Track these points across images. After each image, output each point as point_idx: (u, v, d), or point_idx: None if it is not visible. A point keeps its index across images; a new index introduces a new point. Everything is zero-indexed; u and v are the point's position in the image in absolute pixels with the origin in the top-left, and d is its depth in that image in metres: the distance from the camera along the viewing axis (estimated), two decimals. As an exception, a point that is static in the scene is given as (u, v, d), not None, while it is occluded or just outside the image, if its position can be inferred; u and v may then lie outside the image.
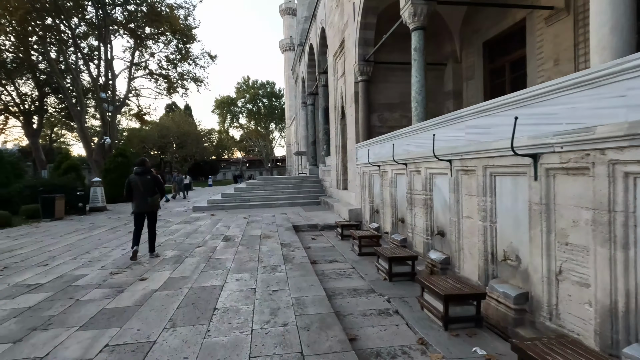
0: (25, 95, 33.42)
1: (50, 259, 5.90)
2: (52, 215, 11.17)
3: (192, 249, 6.31)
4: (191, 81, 31.64)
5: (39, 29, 25.91)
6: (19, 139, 48.11)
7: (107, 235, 8.09)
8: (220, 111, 66.93)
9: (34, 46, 28.03)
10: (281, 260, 5.35)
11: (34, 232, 8.87)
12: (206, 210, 12.70)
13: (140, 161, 6.01)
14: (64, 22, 25.88)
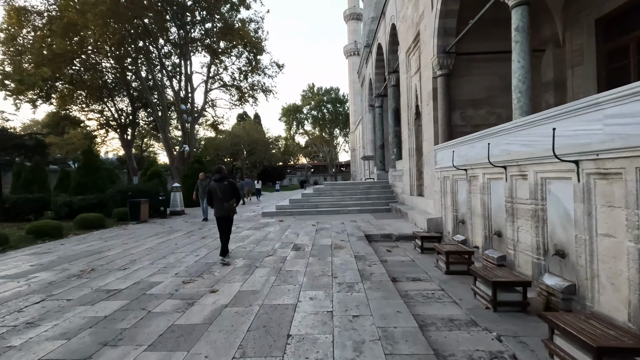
0: (122, 111, 37.84)
1: (130, 262, 6.08)
2: (138, 218, 12.04)
3: (262, 258, 6.03)
4: (260, 91, 32.94)
5: (132, 52, 29.03)
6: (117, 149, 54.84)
7: (183, 240, 8.30)
8: (286, 119, 69.09)
9: (128, 67, 31.50)
10: (357, 276, 4.76)
11: (122, 234, 9.52)
12: (275, 215, 12.67)
13: (217, 169, 6.23)
14: (152, 44, 28.69)
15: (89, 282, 4.93)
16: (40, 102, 31.29)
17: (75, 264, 6.10)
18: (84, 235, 9.68)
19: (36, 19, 26.43)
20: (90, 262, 6.25)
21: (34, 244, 8.45)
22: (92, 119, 37.31)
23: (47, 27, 25.85)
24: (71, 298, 4.24)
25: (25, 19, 26.03)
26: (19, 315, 3.71)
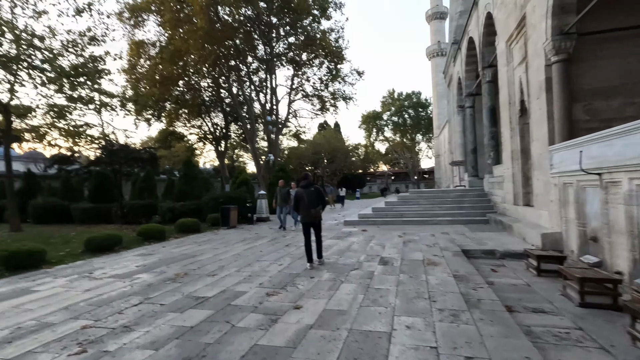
0: (216, 125, 41.59)
1: (219, 269, 6.19)
2: (228, 223, 12.71)
3: (347, 272, 5.59)
4: (341, 99, 33.10)
5: (225, 70, 31.68)
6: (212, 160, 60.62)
7: (267, 247, 8.34)
8: (366, 126, 68.55)
9: (222, 85, 34.44)
10: (461, 301, 3.99)
11: (213, 239, 10.05)
12: (357, 224, 12.21)
13: (304, 175, 6.57)
14: (242, 62, 30.97)
15: (181, 287, 5.07)
16: (153, 121, 36.09)
17: (172, 267, 6.44)
18: (182, 238, 10.48)
19: (150, 49, 30.62)
20: (185, 265, 6.55)
21: (142, 245, 9.38)
22: (192, 134, 41.88)
23: (159, 56, 29.77)
24: (164, 303, 4.33)
25: (142, 51, 30.35)
26: (118, 318, 3.86)
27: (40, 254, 7.05)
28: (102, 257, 7.80)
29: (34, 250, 6.93)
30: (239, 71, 31.81)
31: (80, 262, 7.36)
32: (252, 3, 25.04)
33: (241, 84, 33.08)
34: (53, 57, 13.64)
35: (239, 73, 31.87)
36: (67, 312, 4.13)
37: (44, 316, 4.01)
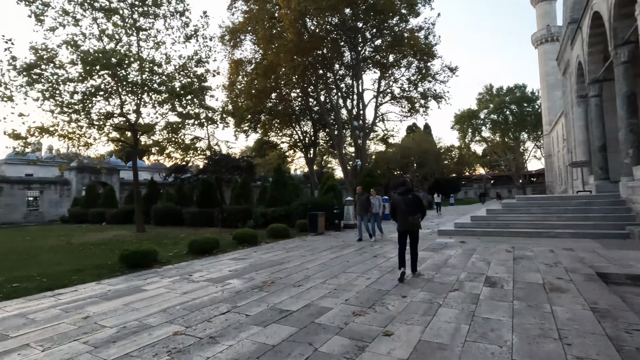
0: (305, 133, 43.23)
1: (305, 279, 6.01)
2: (316, 229, 12.73)
3: (445, 293, 4.85)
4: (432, 98, 31.20)
5: (313, 79, 32.66)
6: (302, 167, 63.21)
7: (354, 257, 7.95)
8: (460, 126, 63.48)
9: (310, 94, 35.60)
10: (611, 350, 2.99)
11: (301, 246, 10.08)
12: (453, 235, 11.01)
13: (402, 182, 6.27)
14: (329, 70, 31.52)
15: (267, 296, 4.99)
16: (250, 132, 39.16)
17: (260, 274, 6.51)
18: (272, 244, 10.78)
19: (247, 66, 33.30)
20: (272, 273, 6.56)
21: (236, 249, 9.89)
22: (284, 142, 44.33)
23: (254, 72, 32.24)
24: (249, 314, 4.26)
25: (240, 68, 33.18)
26: (207, 326, 3.89)
27: (153, 255, 7.88)
28: (202, 260, 8.39)
29: (148, 251, 7.77)
30: (326, 79, 32.49)
31: (184, 263, 8.01)
32: (337, 11, 25.28)
33: (328, 92, 33.72)
34: (168, 80, 15.65)
35: (326, 81, 32.52)
36: (164, 315, 4.35)
37: (145, 317, 4.27)
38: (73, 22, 13.65)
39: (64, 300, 5.19)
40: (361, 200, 10.76)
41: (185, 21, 16.13)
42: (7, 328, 4.07)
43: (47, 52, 12.71)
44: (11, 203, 26.13)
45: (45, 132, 14.21)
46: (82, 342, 3.57)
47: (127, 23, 14.87)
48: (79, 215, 24.56)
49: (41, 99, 13.21)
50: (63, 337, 3.72)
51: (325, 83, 32.60)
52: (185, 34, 16.22)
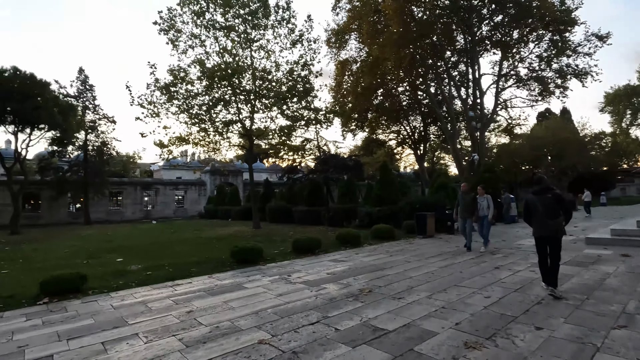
0: (415, 128, 41.13)
1: (407, 290, 5.26)
2: (424, 232, 11.60)
3: (605, 330, 3.50)
4: (572, 76, 25.75)
5: (422, 71, 30.71)
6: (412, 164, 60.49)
7: (470, 267, 6.75)
8: (613, 108, 51.18)
9: (419, 86, 33.64)
10: None
11: (406, 250, 9.21)
12: (609, 245, 8.53)
13: (537, 179, 5.25)
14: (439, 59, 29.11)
15: (362, 308, 4.46)
16: (358, 131, 39.23)
17: (358, 280, 6.02)
18: (375, 246, 10.18)
19: (352, 65, 33.33)
20: (372, 280, 6.00)
21: (338, 249, 9.64)
22: (392, 139, 43.01)
23: (360, 70, 32.09)
24: (339, 328, 3.81)
25: (346, 68, 33.42)
26: (292, 338, 3.59)
27: (258, 252, 8.20)
28: (304, 259, 8.37)
29: (253, 249, 8.12)
30: (436, 69, 30.09)
31: (286, 262, 8.11)
32: (448, -9, 23.03)
33: (439, 82, 31.18)
34: (277, 85, 16.58)
35: (437, 71, 30.12)
36: (255, 318, 4.24)
37: (238, 318, 4.24)
38: (199, 43, 15.60)
39: (178, 292, 5.66)
40: (465, 201, 8.80)
41: (291, 27, 16.81)
42: (129, 314, 4.55)
43: (180, 72, 14.81)
44: (165, 201, 31.96)
45: (182, 140, 16.61)
46: (178, 338, 3.68)
47: (242, 38, 16.26)
48: (211, 211, 28.40)
49: (178, 113, 15.47)
50: (165, 330, 3.91)
51: (436, 73, 30.21)
52: (291, 40, 16.90)
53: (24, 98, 16.98)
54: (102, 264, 8.49)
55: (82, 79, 25.18)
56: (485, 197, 8.87)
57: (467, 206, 8.75)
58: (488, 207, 8.68)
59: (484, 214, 8.75)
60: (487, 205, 8.71)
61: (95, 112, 25.97)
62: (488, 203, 8.74)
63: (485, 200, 8.81)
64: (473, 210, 8.74)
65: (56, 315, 4.63)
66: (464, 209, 8.77)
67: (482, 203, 8.81)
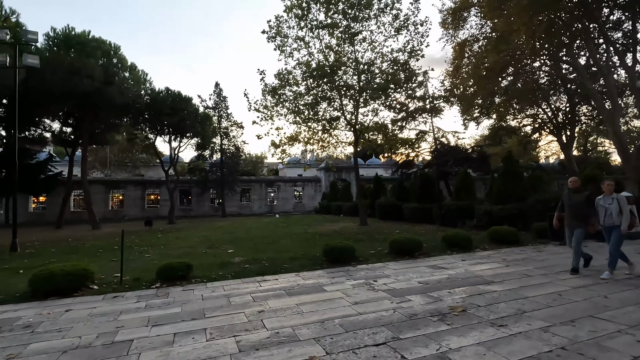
0: (557, 110, 34.34)
1: (516, 314, 4.11)
2: (560, 237, 9.27)
3: None
4: None
5: (566, 39, 25.31)
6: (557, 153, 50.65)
7: (620, 291, 4.93)
8: None
9: (563, 58, 27.96)
10: None
11: (530, 260, 7.46)
12: None
13: None
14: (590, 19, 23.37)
15: (445, 333, 3.64)
16: (482, 119, 34.98)
17: (454, 294, 5.06)
18: (491, 251, 8.61)
19: (473, 45, 29.74)
20: (471, 295, 4.96)
21: (442, 253, 8.51)
22: (526, 125, 36.71)
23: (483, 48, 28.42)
24: (405, 356, 3.14)
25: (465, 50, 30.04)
26: (349, 359, 3.11)
27: (350, 252, 7.85)
28: (399, 262, 7.64)
29: (345, 248, 7.82)
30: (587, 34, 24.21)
31: (378, 264, 7.53)
32: None
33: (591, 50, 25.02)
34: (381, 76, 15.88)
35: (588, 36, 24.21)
36: (319, 328, 3.90)
37: (301, 326, 3.98)
38: (304, 46, 16.12)
39: (262, 288, 5.78)
40: (572, 202, 6.25)
41: (395, 13, 15.82)
42: (210, 307, 4.80)
43: (286, 75, 15.58)
44: (285, 197, 34.75)
45: (293, 140, 17.52)
46: (236, 340, 3.63)
47: (345, 34, 16.11)
48: (325, 207, 29.46)
49: (286, 114, 16.36)
50: (230, 330, 3.94)
51: (586, 38, 24.35)
52: (395, 26, 15.92)
53: (173, 113, 20.71)
54: (215, 254, 9.50)
55: (217, 92, 29.39)
56: (613, 197, 5.98)
57: (575, 210, 6.19)
58: (620, 213, 5.83)
59: (612, 223, 5.88)
60: (619, 210, 5.85)
61: (228, 120, 29.94)
62: (620, 206, 5.85)
63: (614, 202, 5.92)
64: (584, 216, 6.11)
65: (158, 300, 5.24)
66: (571, 215, 6.25)
67: (610, 206, 5.93)
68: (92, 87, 16.89)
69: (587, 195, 6.21)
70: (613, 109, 24.10)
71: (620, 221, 5.78)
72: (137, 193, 29.65)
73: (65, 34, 16.94)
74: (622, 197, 5.93)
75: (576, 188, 6.39)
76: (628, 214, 5.79)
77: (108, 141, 24.69)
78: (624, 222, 5.75)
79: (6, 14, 14.50)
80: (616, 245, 5.81)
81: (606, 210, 5.94)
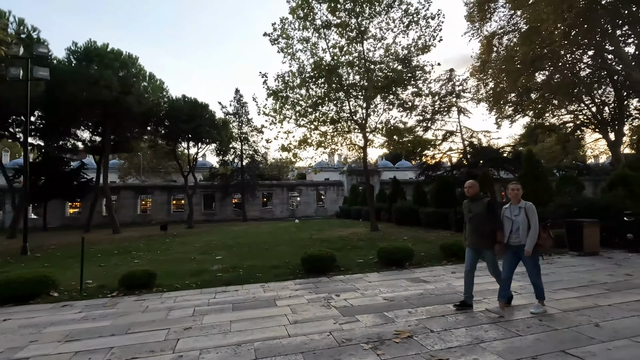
0: (603, 105, 31.45)
1: (469, 345, 3.38)
2: (580, 247, 8.10)
3: None
4: None
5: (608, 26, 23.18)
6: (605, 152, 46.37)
7: (622, 314, 4.00)
8: None
9: (606, 48, 25.66)
10: None
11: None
12: None
13: None
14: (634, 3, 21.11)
15: (367, 366, 3.03)
16: (517, 116, 32.79)
17: (413, 315, 4.36)
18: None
19: (502, 37, 27.94)
20: (430, 317, 4.25)
21: (437, 264, 7.66)
22: (566, 122, 33.78)
23: (514, 40, 26.67)
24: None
25: (496, 42, 28.27)
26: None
27: (329, 261, 7.26)
28: (382, 273, 6.96)
29: (323, 257, 7.23)
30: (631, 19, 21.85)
31: (358, 275, 6.90)
32: None
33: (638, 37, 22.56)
34: (387, 73, 15.12)
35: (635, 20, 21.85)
36: (229, 351, 3.44)
37: (211, 349, 3.53)
38: (310, 47, 15.72)
39: (214, 300, 5.40)
40: (474, 215, 4.61)
41: (405, 8, 15.02)
42: (141, 322, 4.49)
43: (286, 77, 15.24)
44: (307, 201, 34.46)
45: (304, 143, 17.13)
46: None
47: (353, 32, 15.53)
48: (345, 211, 28.78)
49: (292, 117, 16.01)
50: (136, 350, 3.58)
51: (633, 24, 22.05)
52: (405, 22, 15.13)
53: (189, 119, 21.17)
54: (202, 260, 9.29)
55: (237, 98, 29.83)
56: (522, 206, 4.40)
57: (479, 224, 4.55)
58: (528, 228, 4.26)
59: (519, 242, 4.33)
60: (527, 224, 4.28)
61: (249, 125, 30.25)
62: (528, 219, 4.29)
63: (523, 212, 4.35)
64: (489, 231, 4.50)
65: (98, 312, 5.02)
66: (472, 230, 4.63)
67: (517, 219, 4.37)
68: (110, 97, 17.60)
69: (486, 203, 4.56)
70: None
71: (521, 237, 4.30)
72: (163, 198, 30.70)
73: (86, 47, 17.86)
74: (530, 207, 4.35)
75: (473, 195, 4.68)
76: (536, 229, 4.21)
77: (132, 149, 25.79)
78: (529, 240, 4.21)
79: (27, 31, 15.51)
80: (537, 273, 4.33)
81: (512, 223, 4.39)
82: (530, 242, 4.21)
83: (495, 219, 4.50)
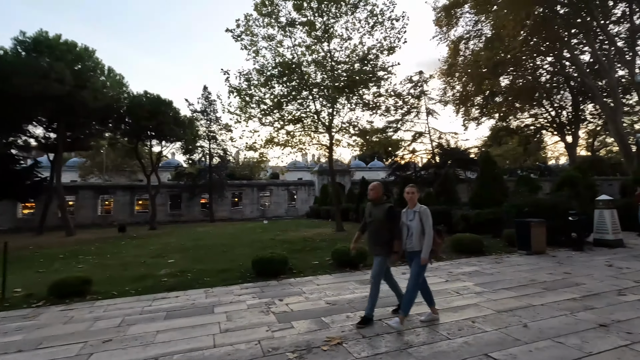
0: (561, 109, 33.13)
1: (398, 350, 3.31)
2: (528, 246, 8.35)
3: None
4: None
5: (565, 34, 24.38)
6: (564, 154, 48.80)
7: (555, 315, 4.07)
8: None
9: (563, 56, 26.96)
10: None
11: (480, 273, 6.57)
12: None
13: None
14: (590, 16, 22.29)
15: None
16: (484, 119, 33.89)
17: (352, 319, 4.25)
18: (442, 264, 7.71)
19: (468, 42, 28.71)
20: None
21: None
22: (527, 125, 35.30)
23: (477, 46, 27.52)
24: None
25: (463, 46, 28.99)
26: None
27: (281, 263, 7.09)
28: (334, 275, 6.87)
29: (273, 260, 7.03)
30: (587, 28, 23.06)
31: (308, 278, 6.76)
32: None
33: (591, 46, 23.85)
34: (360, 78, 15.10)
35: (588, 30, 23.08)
36: None
37: (126, 364, 3.26)
38: (276, 44, 15.45)
39: (149, 308, 5.09)
40: (373, 220, 4.24)
41: (371, 9, 15.06)
42: (56, 335, 4.13)
43: (251, 75, 14.92)
44: (277, 201, 34.08)
45: (271, 142, 16.81)
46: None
47: (318, 31, 15.38)
48: (315, 211, 28.69)
49: (259, 116, 15.68)
50: None
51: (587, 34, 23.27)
52: (370, 23, 15.18)
53: (151, 116, 20.32)
54: (152, 264, 8.85)
55: (205, 95, 29.02)
56: (416, 210, 4.09)
57: (377, 229, 4.21)
58: (423, 234, 4.01)
59: (412, 248, 4.08)
60: (421, 229, 4.02)
61: (217, 124, 29.50)
62: (423, 224, 4.01)
63: (417, 217, 4.05)
64: (387, 237, 4.14)
65: (14, 324, 4.59)
66: (370, 235, 4.32)
67: (411, 224, 4.09)
68: (63, 91, 16.57)
69: (387, 209, 4.16)
70: (615, 106, 22.84)
71: (422, 245, 3.99)
72: (126, 198, 29.39)
73: (35, 37, 16.71)
74: (425, 211, 4.04)
75: (375, 199, 4.30)
76: (430, 235, 3.96)
77: (91, 147, 24.49)
78: (425, 247, 3.95)
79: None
80: (415, 280, 3.99)
81: (408, 229, 4.12)
82: (426, 249, 3.94)
83: (394, 226, 4.13)
